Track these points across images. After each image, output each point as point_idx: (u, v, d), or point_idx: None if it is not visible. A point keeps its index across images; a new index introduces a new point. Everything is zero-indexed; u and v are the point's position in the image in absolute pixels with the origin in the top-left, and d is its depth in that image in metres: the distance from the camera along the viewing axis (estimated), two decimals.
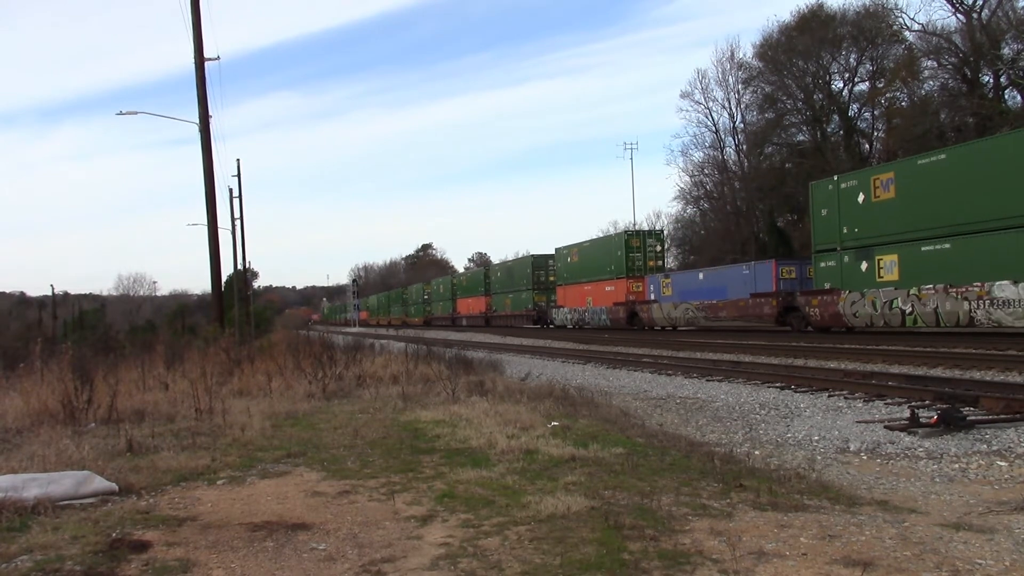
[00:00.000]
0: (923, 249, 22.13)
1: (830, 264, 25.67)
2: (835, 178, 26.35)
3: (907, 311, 22.33)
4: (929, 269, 21.83)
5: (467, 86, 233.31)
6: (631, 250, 39.75)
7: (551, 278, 50.03)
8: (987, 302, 19.89)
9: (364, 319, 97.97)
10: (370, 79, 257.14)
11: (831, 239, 25.68)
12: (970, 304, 20.42)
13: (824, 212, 26.15)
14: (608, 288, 40.82)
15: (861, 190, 24.42)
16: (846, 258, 24.98)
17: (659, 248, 41.33)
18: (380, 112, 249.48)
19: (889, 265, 23.31)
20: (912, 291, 22.15)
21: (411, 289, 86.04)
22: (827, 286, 25.81)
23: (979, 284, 20.16)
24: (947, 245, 21.38)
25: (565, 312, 45.94)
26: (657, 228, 50.35)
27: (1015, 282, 19.18)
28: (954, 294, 20.84)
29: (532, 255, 53.44)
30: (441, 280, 75.29)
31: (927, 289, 21.69)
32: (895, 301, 22.67)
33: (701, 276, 35.21)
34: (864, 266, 24.21)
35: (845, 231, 24.98)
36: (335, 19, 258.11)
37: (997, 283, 19.63)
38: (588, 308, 43.05)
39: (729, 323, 32.12)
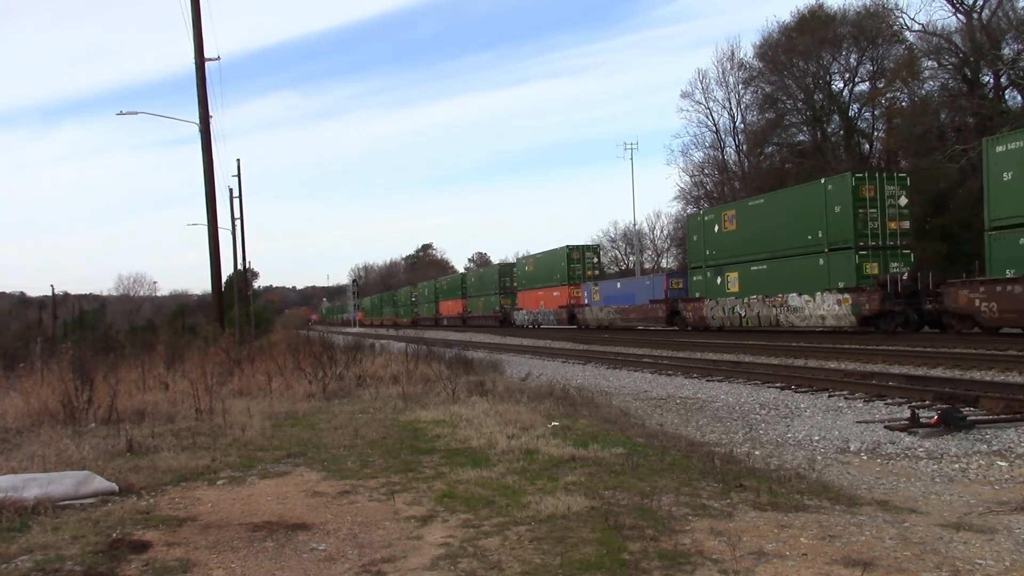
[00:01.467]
0: (752, 269, 30.13)
1: (699, 278, 33.73)
2: (701, 212, 35.91)
3: (742, 315, 30.21)
4: (755, 284, 29.74)
5: (468, 86, 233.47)
6: (572, 262, 47.73)
7: (515, 284, 57.38)
8: (785, 308, 27.79)
9: (360, 319, 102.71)
10: (371, 79, 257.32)
11: (699, 259, 33.74)
12: (776, 310, 28.23)
13: (695, 238, 34.60)
14: (555, 294, 48.67)
15: (716, 222, 32.55)
16: (708, 274, 32.89)
17: (596, 260, 50.08)
18: (381, 112, 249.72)
19: (733, 280, 31.21)
20: (745, 300, 30.04)
21: (400, 292, 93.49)
22: (697, 295, 33.69)
23: (781, 295, 27.95)
24: (764, 266, 29.31)
25: (523, 314, 53.26)
26: (594, 244, 57.57)
27: (800, 294, 27.11)
28: (768, 303, 28.69)
29: (499, 264, 61.03)
30: (426, 284, 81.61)
31: (753, 299, 29.55)
32: (735, 307, 30.66)
33: (619, 285, 43.12)
34: (719, 280, 32.03)
35: (707, 253, 33.00)
36: (336, 19, 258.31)
37: (790, 295, 27.49)
38: (540, 310, 50.61)
39: (636, 323, 40.10)
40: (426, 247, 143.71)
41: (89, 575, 4.56)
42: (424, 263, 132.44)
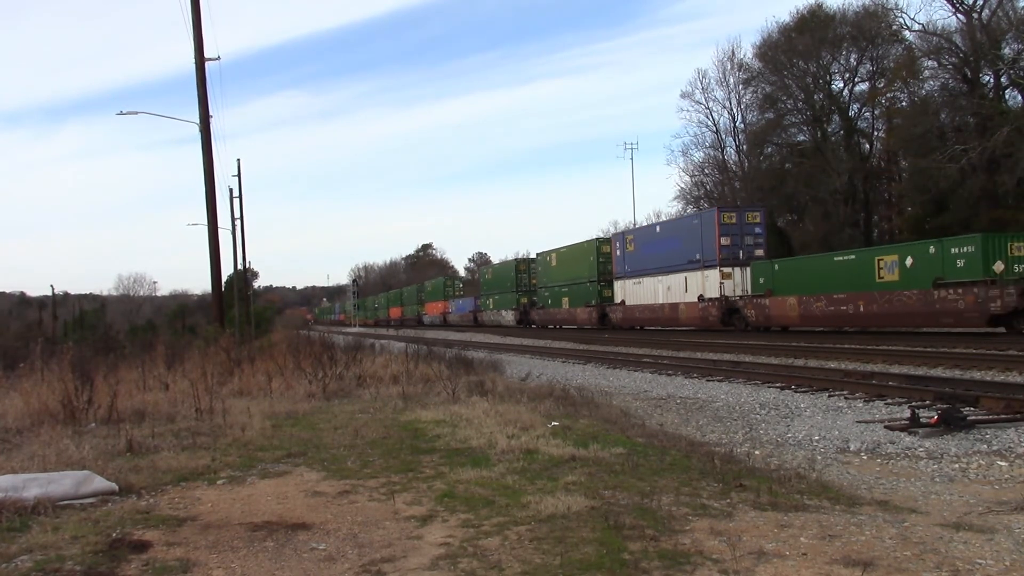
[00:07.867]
0: (495, 297, 58.78)
1: (483, 300, 62.50)
2: (481, 269, 75.09)
3: (494, 320, 58.40)
4: (495, 304, 59.43)
5: (470, 86, 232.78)
6: (446, 286, 77.90)
7: (425, 298, 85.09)
8: (500, 316, 57.63)
9: (342, 320, 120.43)
10: (373, 79, 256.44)
11: (483, 291, 63.55)
12: (498, 317, 57.90)
13: (481, 280, 66.24)
14: (440, 306, 76.90)
15: (488, 274, 64.67)
16: (483, 299, 62.13)
17: (460, 286, 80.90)
18: (382, 112, 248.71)
19: (492, 303, 59.44)
20: (493, 311, 58.53)
21: (368, 299, 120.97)
22: (482, 309, 62.28)
23: (500, 310, 57.73)
24: (497, 297, 59.05)
25: (428, 317, 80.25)
26: (461, 276, 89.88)
27: (506, 310, 56.88)
28: (497, 314, 58.44)
29: (416, 285, 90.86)
30: (384, 294, 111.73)
31: (493, 311, 59.32)
32: (491, 316, 58.78)
33: (460, 302, 71.33)
34: (488, 302, 60.09)
35: (484, 288, 63.68)
36: (340, 19, 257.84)
37: (502, 310, 57.51)
38: (435, 315, 77.92)
39: (463, 324, 66.16)
40: (426, 247, 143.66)
41: (89, 575, 4.56)
42: (424, 263, 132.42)
